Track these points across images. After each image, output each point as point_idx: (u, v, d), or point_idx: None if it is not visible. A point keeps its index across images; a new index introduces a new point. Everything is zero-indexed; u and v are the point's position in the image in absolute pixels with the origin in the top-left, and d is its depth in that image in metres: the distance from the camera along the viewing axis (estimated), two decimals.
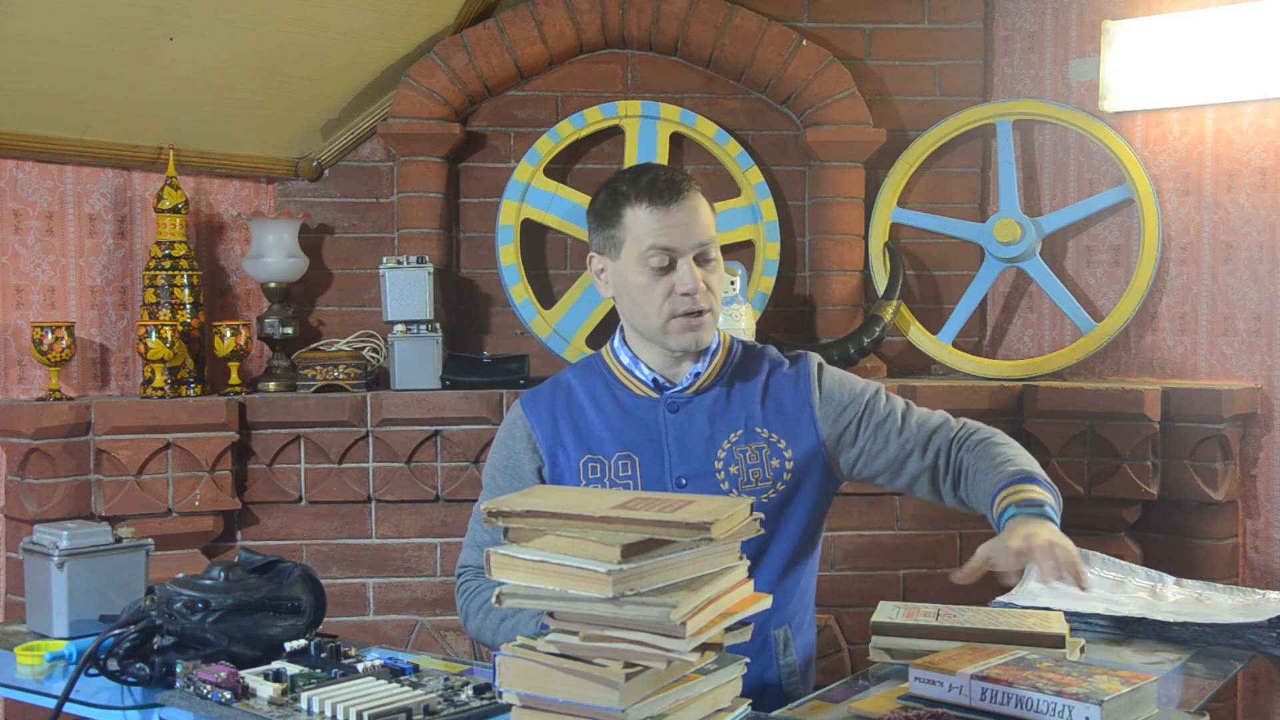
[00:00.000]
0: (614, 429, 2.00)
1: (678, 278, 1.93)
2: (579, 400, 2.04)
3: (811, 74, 3.52)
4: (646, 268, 1.94)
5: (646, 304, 1.95)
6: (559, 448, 2.02)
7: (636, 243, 1.95)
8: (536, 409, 2.05)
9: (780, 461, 1.98)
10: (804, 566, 2.05)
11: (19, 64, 2.89)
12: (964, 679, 1.47)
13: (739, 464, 1.97)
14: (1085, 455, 3.19)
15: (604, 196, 2.01)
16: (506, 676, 1.37)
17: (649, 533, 1.33)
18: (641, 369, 2.02)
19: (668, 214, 1.93)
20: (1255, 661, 1.89)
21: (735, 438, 1.99)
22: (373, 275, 3.51)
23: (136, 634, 1.65)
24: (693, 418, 1.99)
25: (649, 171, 1.99)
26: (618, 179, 2.01)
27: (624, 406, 2.02)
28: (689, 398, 2.01)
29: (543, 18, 3.48)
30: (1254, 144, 3.22)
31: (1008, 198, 3.52)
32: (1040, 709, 1.40)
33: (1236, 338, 3.25)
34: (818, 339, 3.57)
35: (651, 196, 1.94)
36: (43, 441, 2.95)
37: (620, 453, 1.99)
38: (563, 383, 2.08)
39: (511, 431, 2.07)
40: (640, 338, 2.02)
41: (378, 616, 3.27)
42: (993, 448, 1.97)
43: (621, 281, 1.99)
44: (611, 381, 2.04)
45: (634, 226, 1.95)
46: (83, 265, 3.25)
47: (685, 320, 1.95)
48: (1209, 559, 3.16)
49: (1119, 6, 3.42)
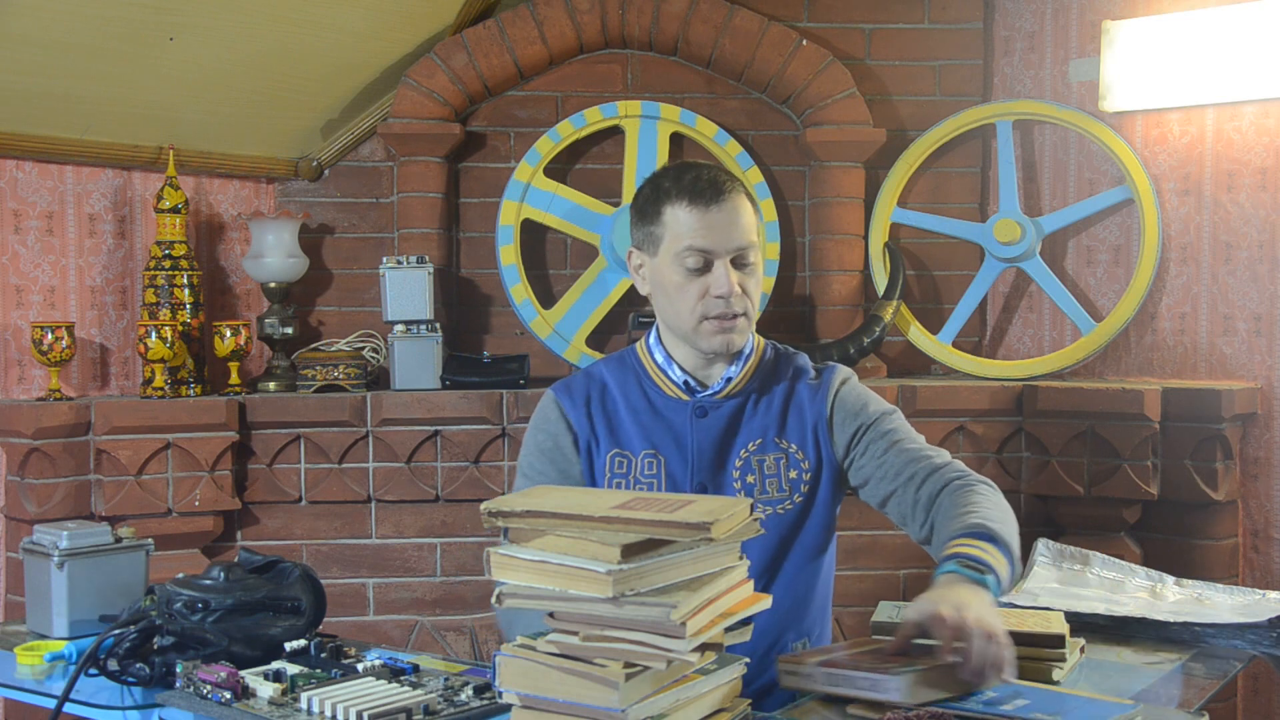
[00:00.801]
0: (643, 427, 1.98)
1: (712, 280, 1.91)
2: (612, 394, 2.02)
3: (811, 74, 3.52)
4: (682, 267, 1.92)
5: (680, 303, 1.93)
6: (592, 438, 2.00)
7: (674, 241, 1.92)
8: (571, 396, 2.03)
9: (798, 473, 1.97)
10: (821, 577, 2.03)
11: (19, 64, 2.89)
12: (814, 668, 1.57)
13: (755, 474, 1.96)
14: (1085, 455, 3.19)
15: (647, 192, 1.99)
16: (506, 676, 1.37)
17: (649, 533, 1.33)
18: (675, 370, 2.01)
19: (707, 214, 1.90)
20: (1255, 661, 1.88)
21: (753, 447, 1.97)
22: (373, 275, 3.51)
23: (136, 634, 1.65)
24: (716, 424, 1.98)
25: (693, 170, 1.95)
26: (662, 174, 1.99)
27: (655, 406, 2.00)
28: (718, 403, 1.99)
29: (543, 18, 3.48)
30: (1254, 144, 3.22)
31: (1008, 198, 3.52)
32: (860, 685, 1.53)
33: (1236, 338, 3.25)
34: (818, 339, 3.57)
35: (692, 195, 1.91)
36: (43, 441, 2.95)
37: (647, 451, 1.98)
38: (596, 375, 2.06)
39: (546, 416, 2.04)
40: (674, 337, 2.01)
41: (378, 616, 3.27)
42: (969, 495, 1.84)
43: (658, 279, 1.97)
44: (644, 379, 2.03)
45: (673, 225, 1.93)
46: (83, 265, 3.25)
47: (718, 323, 1.93)
48: (1209, 559, 3.16)
49: (1119, 6, 3.42)
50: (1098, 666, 1.76)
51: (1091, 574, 2.20)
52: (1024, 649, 1.67)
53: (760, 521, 1.45)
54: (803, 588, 1.98)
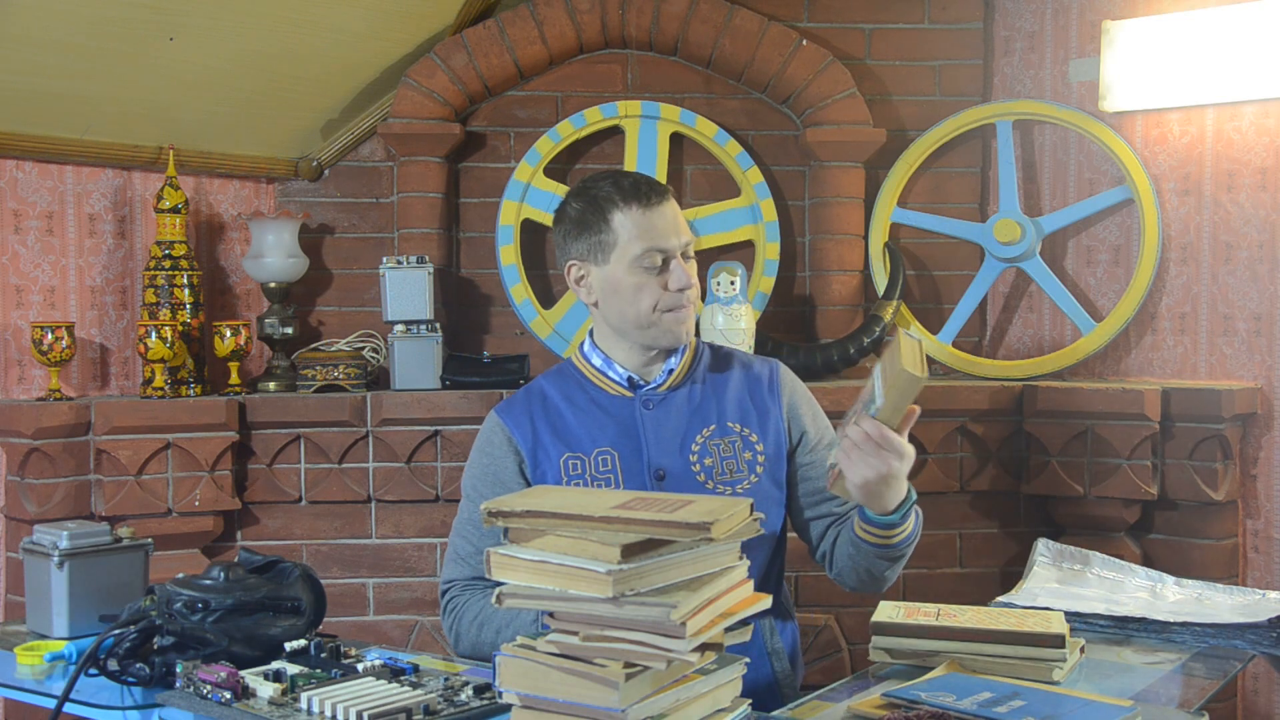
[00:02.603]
0: (591, 427, 2.04)
1: (672, 276, 1.99)
2: (554, 403, 2.08)
3: (811, 74, 3.52)
4: (641, 269, 1.99)
5: (641, 303, 2.00)
6: (539, 447, 2.04)
7: (630, 245, 1.99)
8: (513, 414, 2.09)
9: (752, 454, 2.04)
10: (775, 550, 2.11)
11: (19, 64, 2.89)
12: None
13: (713, 456, 2.02)
14: (1085, 455, 3.19)
15: (581, 205, 2.04)
16: (506, 676, 1.37)
17: (649, 533, 1.33)
18: (615, 369, 2.07)
19: (655, 214, 1.99)
20: (1255, 661, 1.89)
21: (709, 432, 2.04)
22: (373, 275, 3.51)
23: (136, 634, 1.65)
24: (668, 413, 2.04)
25: (627, 176, 2.04)
26: (592, 187, 2.04)
27: (600, 405, 2.06)
28: (664, 394, 2.06)
29: (543, 18, 3.48)
30: (1254, 144, 3.22)
31: (1008, 198, 3.52)
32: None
33: (1236, 338, 3.25)
34: (818, 339, 3.57)
35: (640, 199, 1.99)
36: (43, 441, 2.95)
37: (599, 449, 2.03)
38: (535, 389, 2.12)
39: (489, 439, 2.09)
40: (615, 338, 2.06)
41: (378, 616, 3.27)
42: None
43: (611, 285, 2.02)
44: (585, 384, 2.09)
45: (625, 229, 1.99)
46: (83, 265, 3.25)
47: (675, 315, 2.00)
48: (1209, 559, 3.16)
49: (1119, 6, 3.42)
50: (1098, 666, 1.76)
51: (1091, 574, 2.20)
52: (1024, 649, 1.67)
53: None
54: (762, 564, 2.05)
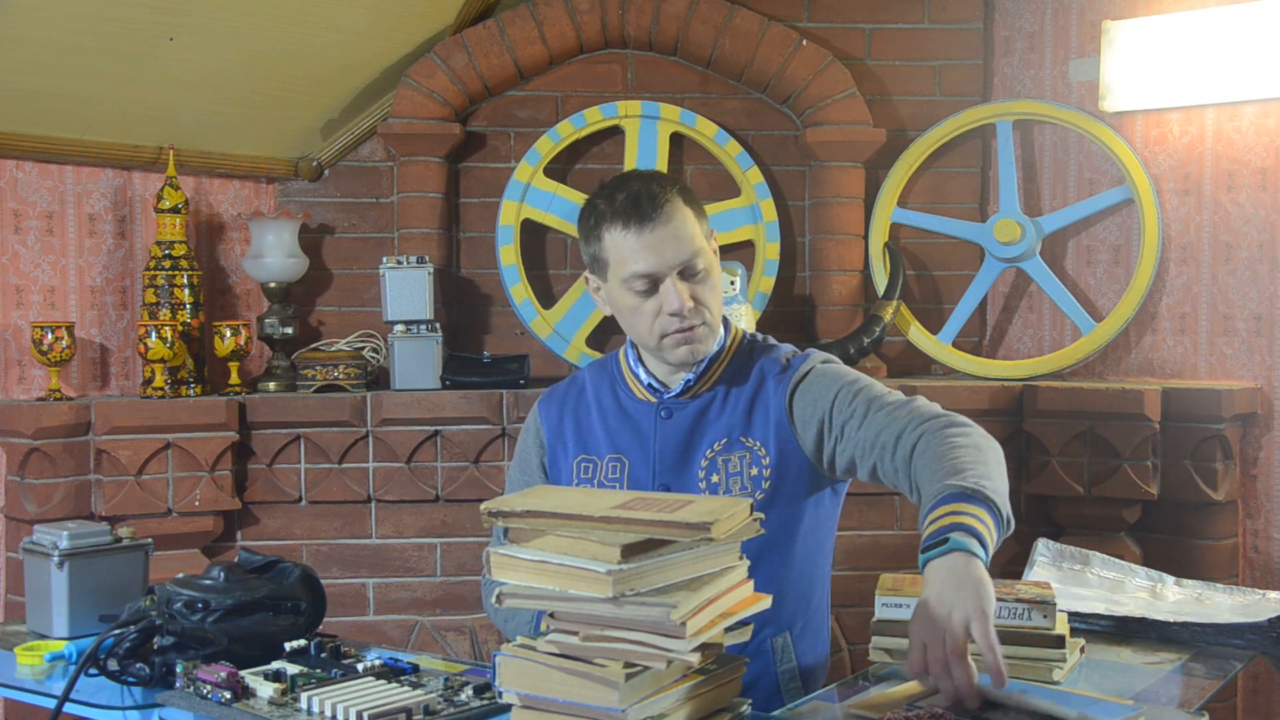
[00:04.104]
0: (610, 430, 2.01)
1: (663, 299, 1.89)
2: (587, 399, 2.06)
3: (811, 74, 3.52)
4: (630, 291, 1.91)
5: (638, 324, 1.94)
6: (559, 444, 2.04)
7: (619, 267, 1.91)
8: (549, 406, 2.09)
9: (759, 469, 1.94)
10: (796, 570, 1.99)
11: (19, 64, 2.89)
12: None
13: (720, 473, 1.94)
14: (1085, 455, 3.19)
15: (586, 214, 1.98)
16: (506, 676, 1.37)
17: (649, 533, 1.33)
18: (642, 372, 2.02)
19: (644, 236, 1.88)
20: (1255, 661, 1.89)
21: (719, 446, 1.96)
22: (373, 275, 3.51)
23: (136, 634, 1.65)
24: (680, 424, 1.97)
25: (625, 187, 1.92)
26: (599, 194, 1.97)
27: (624, 409, 2.02)
28: (682, 403, 1.98)
29: (543, 18, 3.48)
30: (1254, 144, 3.22)
31: (1008, 198, 3.52)
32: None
33: (1236, 338, 3.25)
34: (818, 339, 3.57)
35: (625, 218, 1.89)
36: (43, 441, 2.95)
37: (612, 455, 2.00)
38: (578, 380, 2.10)
39: (528, 426, 2.12)
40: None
41: (378, 616, 3.27)
42: (941, 445, 1.75)
43: (613, 301, 1.98)
44: (618, 382, 2.05)
45: (614, 250, 1.91)
46: (83, 265, 3.25)
47: (677, 336, 1.92)
48: (1209, 559, 3.16)
49: (1119, 6, 3.42)
50: (1098, 666, 1.76)
51: (1091, 574, 2.20)
52: (1024, 649, 1.67)
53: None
54: (774, 582, 1.93)
